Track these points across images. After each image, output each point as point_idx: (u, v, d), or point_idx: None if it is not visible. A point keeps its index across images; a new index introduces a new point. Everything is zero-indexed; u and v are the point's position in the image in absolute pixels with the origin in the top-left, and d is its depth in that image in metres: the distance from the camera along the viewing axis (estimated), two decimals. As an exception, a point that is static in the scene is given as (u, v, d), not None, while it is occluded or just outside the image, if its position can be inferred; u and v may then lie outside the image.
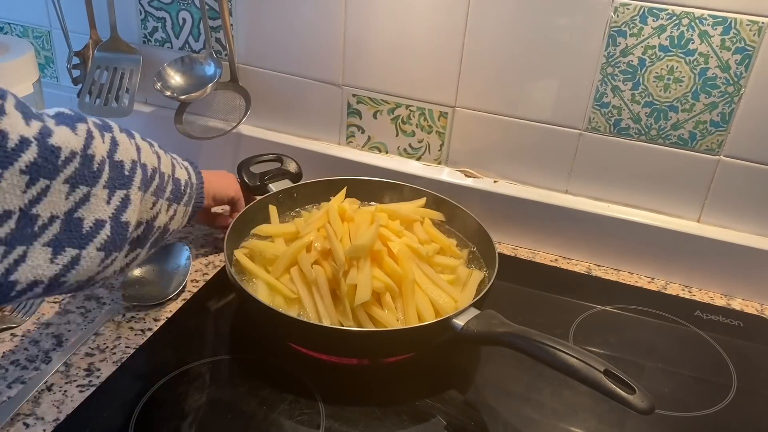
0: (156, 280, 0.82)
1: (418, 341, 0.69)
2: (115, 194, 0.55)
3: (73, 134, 0.51)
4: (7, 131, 0.45)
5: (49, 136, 0.49)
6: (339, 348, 0.70)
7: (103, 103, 0.98)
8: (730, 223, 0.87)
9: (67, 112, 0.53)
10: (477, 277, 0.77)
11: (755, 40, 0.77)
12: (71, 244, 0.51)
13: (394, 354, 0.71)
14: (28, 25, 1.10)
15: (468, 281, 0.76)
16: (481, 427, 0.66)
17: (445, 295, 0.73)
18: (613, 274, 0.92)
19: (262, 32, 0.97)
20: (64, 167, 0.49)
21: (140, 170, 0.59)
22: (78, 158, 0.51)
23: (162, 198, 0.63)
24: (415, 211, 0.84)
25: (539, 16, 0.83)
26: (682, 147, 0.85)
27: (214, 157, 1.07)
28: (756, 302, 0.88)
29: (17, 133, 0.46)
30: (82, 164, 0.51)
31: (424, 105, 0.94)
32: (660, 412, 0.70)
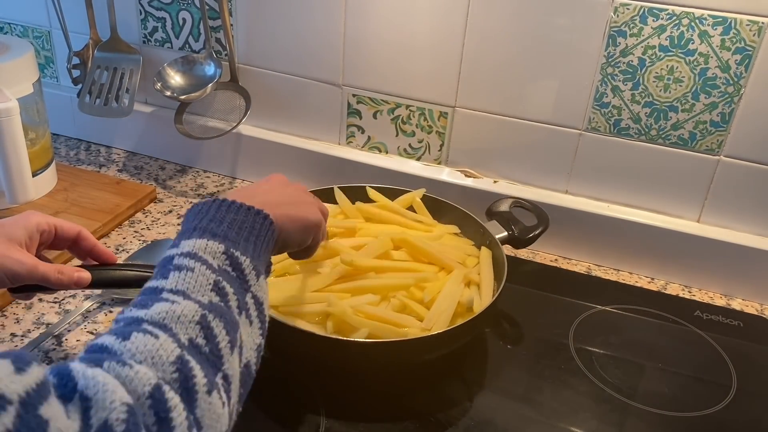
0: None
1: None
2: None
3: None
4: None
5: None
6: (343, 359, 0.69)
7: (103, 103, 0.98)
8: (730, 223, 0.87)
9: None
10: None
11: (755, 40, 0.77)
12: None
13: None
14: (28, 25, 1.10)
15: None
16: (481, 427, 0.66)
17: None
18: (613, 274, 0.92)
19: (262, 32, 0.97)
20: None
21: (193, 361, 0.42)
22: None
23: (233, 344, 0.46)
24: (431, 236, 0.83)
25: (539, 16, 0.83)
26: (682, 147, 0.85)
27: (214, 157, 1.07)
28: (756, 302, 0.88)
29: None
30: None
31: (424, 105, 0.94)
32: (660, 412, 0.70)
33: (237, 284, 0.48)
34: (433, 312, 0.70)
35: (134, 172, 1.07)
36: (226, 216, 0.52)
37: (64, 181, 0.99)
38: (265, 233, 0.53)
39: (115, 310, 0.78)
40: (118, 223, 0.93)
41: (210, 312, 0.44)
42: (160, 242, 0.87)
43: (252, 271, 0.50)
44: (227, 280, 0.48)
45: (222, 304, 0.46)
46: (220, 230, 0.50)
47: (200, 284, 0.46)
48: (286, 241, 0.58)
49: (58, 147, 1.12)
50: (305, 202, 0.62)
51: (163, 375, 0.39)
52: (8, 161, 0.83)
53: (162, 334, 0.41)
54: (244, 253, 0.50)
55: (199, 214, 0.52)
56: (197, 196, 1.02)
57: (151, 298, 0.45)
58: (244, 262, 0.49)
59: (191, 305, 0.44)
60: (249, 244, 0.51)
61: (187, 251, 0.48)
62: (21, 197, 0.86)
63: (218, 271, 0.48)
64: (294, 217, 0.58)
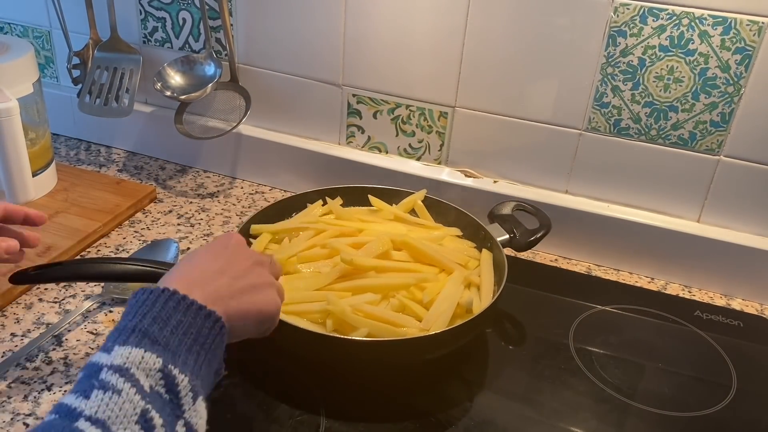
0: None
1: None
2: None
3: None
4: None
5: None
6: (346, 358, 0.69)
7: (103, 103, 0.98)
8: (730, 223, 0.87)
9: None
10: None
11: (755, 40, 0.77)
12: None
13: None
14: (28, 25, 1.10)
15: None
16: (481, 427, 0.66)
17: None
18: (613, 274, 0.92)
19: (262, 32, 0.97)
20: None
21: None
22: None
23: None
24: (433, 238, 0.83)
25: (539, 16, 0.83)
26: (682, 147, 0.85)
27: (214, 157, 1.07)
28: (756, 302, 0.88)
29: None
30: None
31: (424, 105, 0.94)
32: (660, 412, 0.70)
33: (168, 410, 0.43)
34: (432, 312, 0.70)
35: (134, 172, 1.07)
36: (173, 316, 0.46)
37: (64, 181, 0.99)
38: (213, 340, 0.48)
39: (115, 309, 0.78)
40: (118, 223, 0.93)
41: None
42: (160, 242, 0.87)
43: (189, 393, 0.45)
44: (157, 407, 0.42)
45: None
46: (161, 336, 0.45)
47: (125, 413, 0.40)
48: (239, 336, 0.53)
49: (58, 147, 1.12)
50: (263, 286, 0.55)
51: None
52: (8, 161, 0.83)
53: None
54: (183, 369, 0.45)
55: (143, 306, 0.46)
56: (197, 196, 1.02)
57: (63, 426, 0.39)
58: (181, 383, 0.44)
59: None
60: (191, 356, 0.46)
61: (117, 364, 0.42)
62: (21, 197, 0.86)
63: (149, 395, 0.42)
64: (249, 310, 0.53)
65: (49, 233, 0.87)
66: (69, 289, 0.80)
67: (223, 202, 1.01)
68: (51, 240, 0.86)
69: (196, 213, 0.98)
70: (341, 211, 0.85)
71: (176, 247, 0.85)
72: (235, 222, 0.96)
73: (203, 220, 0.96)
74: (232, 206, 1.00)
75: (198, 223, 0.95)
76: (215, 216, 0.98)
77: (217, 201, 1.01)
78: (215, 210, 0.99)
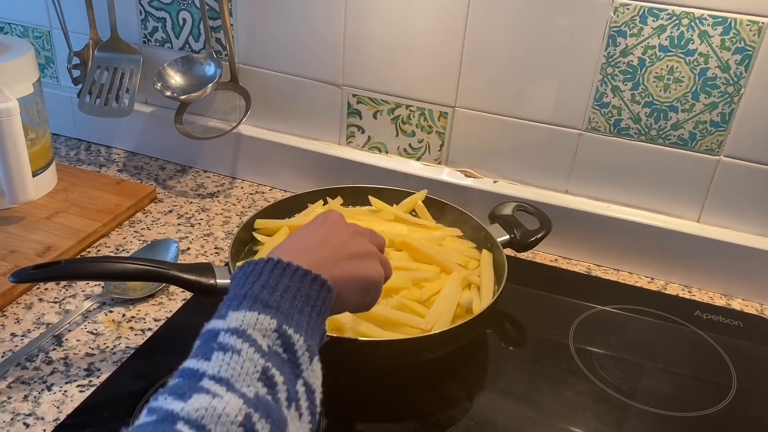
0: None
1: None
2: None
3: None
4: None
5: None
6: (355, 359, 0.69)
7: (103, 103, 0.98)
8: (730, 223, 0.87)
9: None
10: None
11: (755, 40, 0.77)
12: None
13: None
14: (28, 25, 1.10)
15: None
16: (481, 427, 0.66)
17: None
18: (613, 274, 0.92)
19: (262, 32, 0.97)
20: None
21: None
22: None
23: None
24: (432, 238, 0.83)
25: (539, 16, 0.83)
26: (682, 147, 0.85)
27: (214, 157, 1.07)
28: (756, 302, 0.88)
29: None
30: None
31: (424, 105, 0.94)
32: (660, 412, 0.70)
33: (288, 370, 0.43)
34: (433, 312, 0.70)
35: (134, 172, 1.07)
36: (280, 282, 0.47)
37: (64, 181, 0.99)
38: (322, 303, 0.48)
39: (115, 309, 0.78)
40: (118, 223, 0.93)
41: (256, 411, 0.39)
42: (160, 242, 0.87)
43: (305, 352, 0.45)
44: (277, 365, 0.43)
45: (269, 397, 0.41)
46: (272, 300, 0.45)
47: (247, 371, 0.41)
48: (343, 305, 0.53)
49: (58, 147, 1.12)
50: (365, 255, 0.56)
51: None
52: (8, 161, 0.83)
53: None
54: (297, 329, 0.45)
55: (251, 276, 0.47)
56: (197, 196, 1.02)
57: (189, 385, 0.39)
58: (297, 342, 0.45)
59: (235, 401, 0.39)
60: (303, 317, 0.46)
61: (234, 327, 0.43)
62: (21, 197, 0.86)
63: (268, 354, 0.43)
64: (354, 277, 0.53)
65: (49, 233, 0.87)
66: (69, 289, 0.80)
67: (223, 202, 1.01)
68: (51, 240, 0.86)
69: (196, 213, 0.98)
70: (341, 211, 0.85)
71: (176, 247, 0.85)
72: (235, 222, 0.96)
73: (203, 220, 0.96)
74: (232, 206, 1.00)
75: (198, 223, 0.95)
76: (215, 216, 0.98)
77: (217, 201, 1.01)
78: (215, 210, 0.99)
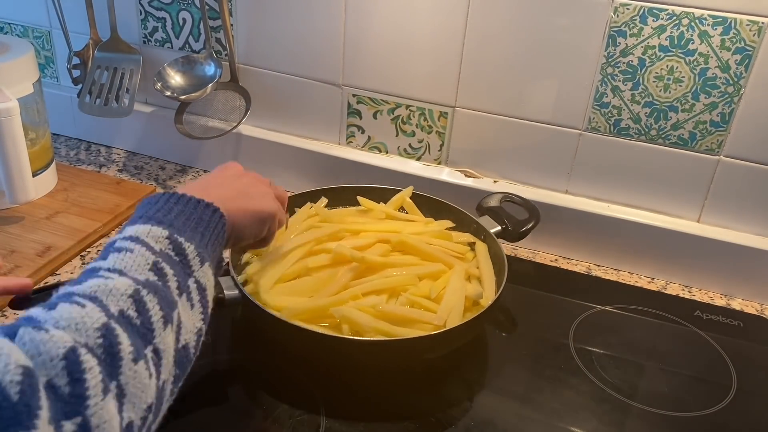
0: None
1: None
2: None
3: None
4: None
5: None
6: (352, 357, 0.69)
7: (103, 103, 0.98)
8: (730, 223, 0.87)
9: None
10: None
11: (755, 40, 0.77)
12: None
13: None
14: (28, 25, 1.10)
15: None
16: (481, 428, 0.66)
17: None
18: (613, 274, 0.92)
19: (262, 32, 0.97)
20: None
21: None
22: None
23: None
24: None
25: (539, 16, 0.83)
26: (682, 147, 0.85)
27: (214, 157, 1.07)
28: (756, 302, 0.88)
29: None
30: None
31: (424, 105, 0.94)
32: (660, 412, 0.70)
33: (179, 268, 0.48)
34: (444, 307, 0.70)
35: (134, 172, 1.07)
36: (175, 207, 0.52)
37: (64, 181, 0.99)
38: (215, 226, 0.54)
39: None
40: (118, 223, 0.93)
41: (144, 288, 0.44)
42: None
43: (196, 257, 0.50)
44: (168, 262, 0.48)
45: (159, 283, 0.46)
46: (166, 219, 0.50)
47: (138, 264, 0.46)
48: (240, 234, 0.59)
49: (58, 147, 1.12)
50: (260, 193, 0.62)
51: (85, 340, 0.39)
52: (8, 161, 0.83)
53: (90, 304, 0.41)
54: (189, 240, 0.50)
55: (147, 205, 0.52)
56: (197, 196, 1.02)
57: (86, 275, 0.45)
58: (188, 248, 0.49)
59: (126, 281, 0.44)
60: (196, 234, 0.51)
61: (129, 235, 0.48)
62: (21, 197, 0.86)
63: (159, 253, 0.48)
64: (247, 209, 0.59)
65: (49, 233, 0.87)
66: (69, 289, 0.80)
67: (223, 202, 1.01)
68: (51, 240, 0.86)
69: (196, 213, 0.98)
70: (326, 212, 0.85)
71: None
72: (235, 222, 0.96)
73: (203, 220, 0.96)
74: (232, 206, 1.00)
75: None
76: (215, 216, 0.97)
77: (217, 201, 1.01)
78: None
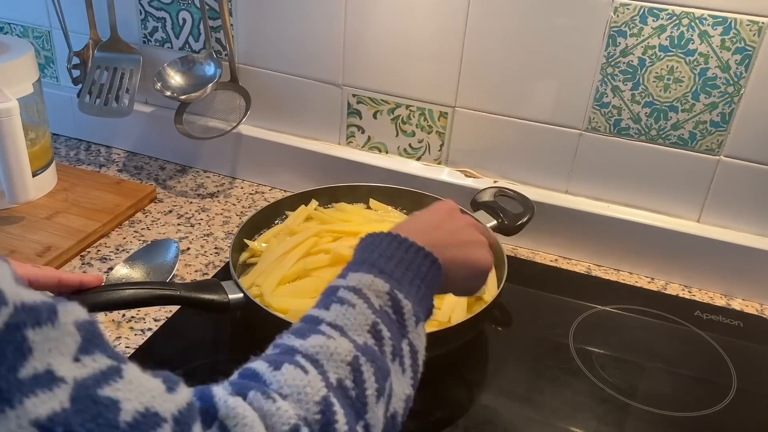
0: (141, 276, 0.81)
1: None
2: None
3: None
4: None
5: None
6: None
7: (103, 103, 0.98)
8: (730, 223, 0.87)
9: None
10: None
11: (755, 40, 0.77)
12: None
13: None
14: (28, 25, 1.10)
15: None
16: (481, 428, 0.66)
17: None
18: (613, 274, 0.92)
19: (262, 32, 0.97)
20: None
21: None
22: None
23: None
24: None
25: (539, 17, 0.83)
26: (682, 147, 0.85)
27: (214, 157, 1.07)
28: (756, 302, 0.88)
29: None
30: None
31: (424, 105, 0.94)
32: (660, 412, 0.70)
33: (395, 328, 0.48)
34: (447, 304, 0.71)
35: (134, 172, 1.07)
36: (396, 253, 0.51)
37: (64, 181, 0.99)
38: (431, 278, 0.52)
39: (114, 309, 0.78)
40: (118, 223, 0.93)
41: (363, 354, 0.44)
42: (160, 242, 0.87)
43: (412, 316, 0.49)
44: (386, 323, 0.47)
45: (376, 348, 0.46)
46: (387, 267, 0.50)
47: (359, 323, 0.46)
48: (452, 285, 0.57)
49: (58, 147, 1.12)
50: (475, 243, 0.59)
51: (305, 414, 0.39)
52: (8, 161, 0.83)
53: (312, 370, 0.41)
54: (407, 296, 0.49)
55: (371, 245, 0.52)
56: (197, 196, 1.02)
57: (309, 328, 0.45)
58: (405, 306, 0.49)
59: (346, 344, 0.44)
60: (413, 288, 0.50)
61: (352, 285, 0.48)
62: (21, 197, 0.86)
63: (379, 312, 0.47)
64: (462, 262, 0.57)
65: (49, 233, 0.87)
66: (69, 289, 0.80)
67: (223, 202, 1.01)
68: (51, 240, 0.86)
69: (196, 213, 0.98)
70: (317, 212, 0.86)
71: (176, 247, 0.85)
72: (235, 222, 0.96)
73: (203, 220, 0.96)
74: (232, 206, 1.00)
75: (198, 223, 0.95)
76: (215, 216, 0.98)
77: (217, 201, 1.01)
78: (215, 210, 0.99)
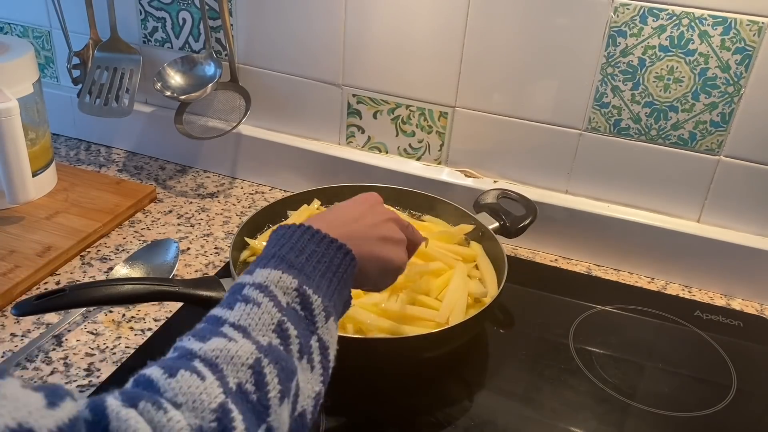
0: (141, 276, 0.81)
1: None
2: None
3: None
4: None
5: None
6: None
7: (103, 103, 0.98)
8: (730, 223, 0.87)
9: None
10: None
11: (755, 40, 0.77)
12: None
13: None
14: (28, 25, 1.10)
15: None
16: (481, 427, 0.66)
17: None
18: (613, 274, 0.92)
19: (262, 32, 0.97)
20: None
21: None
22: None
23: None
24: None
25: (539, 16, 0.83)
26: (682, 147, 0.85)
27: (214, 157, 1.07)
28: (756, 302, 0.88)
29: None
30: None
31: (424, 105, 0.94)
32: (660, 412, 0.70)
33: (303, 326, 0.46)
34: (446, 304, 0.71)
35: (134, 172, 1.07)
36: (307, 246, 0.50)
37: (64, 181, 0.99)
38: (344, 271, 0.51)
39: (114, 309, 0.78)
40: (118, 223, 0.93)
41: (266, 356, 0.42)
42: (160, 242, 0.87)
43: (322, 312, 0.48)
44: (293, 320, 0.46)
45: (282, 347, 0.44)
46: (297, 262, 0.48)
47: (264, 322, 0.44)
48: (363, 281, 0.55)
49: (58, 147, 1.12)
50: (393, 240, 0.58)
51: (201, 422, 0.38)
52: (8, 161, 0.83)
53: (210, 376, 0.40)
54: (317, 291, 0.48)
55: (282, 239, 0.50)
56: (197, 196, 1.02)
57: (211, 329, 0.44)
58: (314, 302, 0.47)
59: (248, 346, 0.42)
60: (324, 281, 0.49)
61: (258, 282, 0.46)
62: (21, 197, 0.86)
63: (285, 309, 0.46)
64: (378, 256, 0.55)
65: (49, 233, 0.87)
66: (69, 289, 0.80)
67: (223, 202, 1.01)
68: (51, 240, 0.86)
69: (196, 213, 0.98)
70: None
71: (176, 247, 0.85)
72: (235, 222, 0.96)
73: (203, 220, 0.96)
74: (232, 206, 1.00)
75: (198, 223, 0.95)
76: (215, 216, 0.98)
77: (217, 201, 1.01)
78: (215, 210, 0.99)
